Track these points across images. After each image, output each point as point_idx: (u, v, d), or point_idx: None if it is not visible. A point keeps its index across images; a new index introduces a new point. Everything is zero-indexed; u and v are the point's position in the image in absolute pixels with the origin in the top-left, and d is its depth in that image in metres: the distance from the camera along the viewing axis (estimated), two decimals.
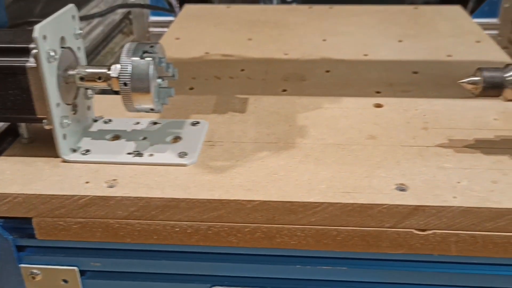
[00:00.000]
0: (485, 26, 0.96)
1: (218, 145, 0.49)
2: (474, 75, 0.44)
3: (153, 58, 0.43)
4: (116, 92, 0.44)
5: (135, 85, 0.43)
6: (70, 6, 0.46)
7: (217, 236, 0.43)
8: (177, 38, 0.82)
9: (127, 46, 0.43)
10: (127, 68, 0.43)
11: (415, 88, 0.64)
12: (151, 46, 0.44)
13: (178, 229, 0.43)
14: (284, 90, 0.65)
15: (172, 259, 0.45)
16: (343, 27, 0.86)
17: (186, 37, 0.82)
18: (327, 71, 0.70)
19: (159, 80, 0.46)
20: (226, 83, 0.67)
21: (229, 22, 0.89)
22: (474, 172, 0.44)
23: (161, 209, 0.42)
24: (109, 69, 0.44)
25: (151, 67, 0.43)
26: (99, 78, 0.45)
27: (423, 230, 0.41)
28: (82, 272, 0.46)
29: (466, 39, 0.79)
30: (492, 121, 0.52)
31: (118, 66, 0.43)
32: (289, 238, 0.43)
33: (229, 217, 0.42)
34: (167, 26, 0.90)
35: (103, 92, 0.49)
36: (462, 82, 0.44)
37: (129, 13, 0.97)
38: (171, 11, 0.94)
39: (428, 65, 0.71)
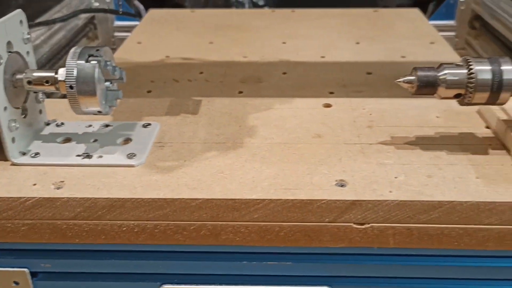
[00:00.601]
0: (443, 28, 0.99)
1: (168, 146, 0.50)
2: (410, 75, 0.46)
3: (99, 62, 0.44)
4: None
5: (81, 88, 0.44)
6: (18, 11, 0.47)
7: (163, 235, 0.44)
8: (139, 42, 0.83)
9: (72, 50, 0.44)
10: (72, 71, 0.44)
11: (368, 89, 0.66)
12: (97, 50, 0.45)
13: (125, 229, 0.44)
14: (241, 92, 0.66)
15: (121, 258, 0.46)
16: (303, 30, 0.88)
17: (148, 41, 0.83)
18: (284, 73, 0.71)
19: (107, 83, 0.47)
20: (184, 86, 0.68)
21: (192, 26, 0.90)
22: (411, 167, 0.46)
23: (107, 209, 0.43)
24: (56, 73, 0.45)
25: (97, 70, 0.44)
26: (47, 82, 0.46)
27: (362, 224, 0.43)
28: (33, 274, 0.47)
29: (421, 41, 0.82)
30: (434, 119, 0.54)
31: (64, 69, 0.44)
32: (233, 235, 0.44)
33: (175, 216, 0.43)
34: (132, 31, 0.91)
35: (64, 96, 0.50)
36: (399, 81, 0.46)
37: (93, 17, 0.97)
38: (135, 16, 0.95)
39: (382, 66, 0.73)
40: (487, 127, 0.52)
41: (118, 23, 1.01)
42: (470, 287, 0.46)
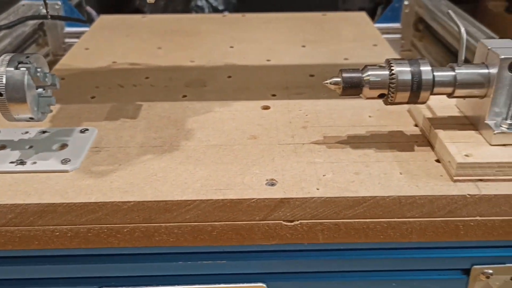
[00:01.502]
0: (390, 31, 1.03)
1: (104, 150, 0.50)
2: (336, 76, 0.48)
3: (28, 68, 0.44)
4: None
5: (11, 95, 0.44)
6: None
7: (97, 238, 0.44)
8: (87, 48, 0.83)
9: (1, 57, 0.45)
10: (1, 79, 0.44)
11: (309, 90, 0.68)
12: (27, 57, 0.45)
13: (58, 233, 0.44)
14: (184, 96, 0.67)
15: (57, 263, 0.46)
16: (252, 34, 0.89)
17: (95, 47, 0.83)
18: (229, 77, 0.72)
19: (39, 90, 0.47)
20: (128, 91, 0.68)
21: (142, 31, 0.91)
22: (340, 165, 0.48)
23: (39, 215, 0.43)
24: None
25: (26, 77, 0.44)
26: None
27: (291, 221, 0.45)
28: None
29: (364, 43, 0.84)
30: (367, 118, 0.56)
31: None
32: (167, 236, 0.45)
33: (107, 219, 0.44)
34: None
35: None
36: (326, 83, 0.48)
37: (43, 24, 0.97)
38: (84, 21, 0.94)
39: (324, 69, 0.75)
40: (416, 125, 0.55)
41: (69, 29, 1.01)
42: (397, 278, 0.48)
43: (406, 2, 1.00)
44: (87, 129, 0.53)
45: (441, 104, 0.54)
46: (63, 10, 0.99)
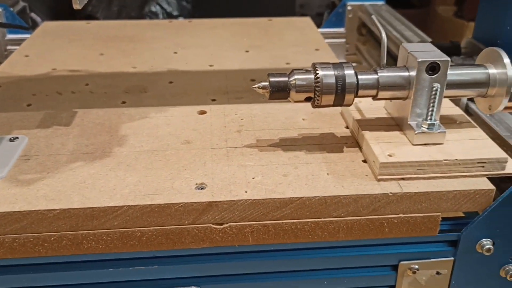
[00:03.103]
0: (334, 35, 1.05)
1: (34, 158, 0.50)
2: (264, 81, 0.49)
3: None
4: None
5: None
6: None
7: (23, 247, 0.44)
8: (26, 56, 0.81)
9: None
10: None
11: (248, 95, 0.69)
12: None
13: None
14: (124, 102, 0.67)
15: None
16: (196, 40, 0.89)
17: (36, 54, 0.82)
18: (170, 82, 0.73)
19: None
20: (66, 98, 0.67)
21: (85, 38, 0.90)
22: (270, 168, 0.49)
23: None
24: None
25: None
26: None
27: (220, 224, 0.45)
28: None
29: (306, 48, 0.86)
30: (300, 121, 0.57)
31: None
32: (96, 243, 0.44)
33: (33, 228, 0.43)
34: None
35: None
36: (254, 87, 0.48)
37: None
38: (26, 28, 0.93)
39: (266, 73, 0.75)
40: (347, 127, 0.56)
41: (11, 36, 0.98)
42: (328, 277, 0.49)
43: (349, 8, 1.02)
44: (17, 137, 0.52)
45: (370, 106, 0.56)
46: (4, 17, 0.97)
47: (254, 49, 0.85)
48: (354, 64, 0.50)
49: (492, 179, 0.48)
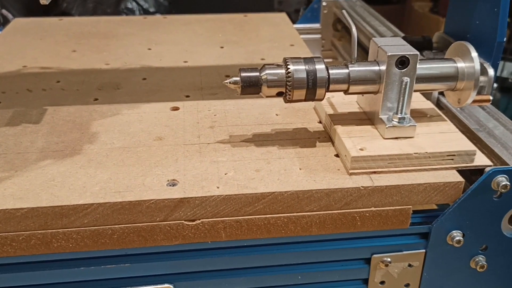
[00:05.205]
0: (310, 31, 1.05)
1: (2, 157, 0.49)
2: (236, 76, 0.48)
3: None
4: None
5: None
6: None
7: None
8: None
9: None
10: None
11: (223, 91, 0.69)
12: None
13: None
14: (96, 99, 0.66)
15: None
16: (171, 36, 0.89)
17: (6, 51, 0.80)
18: (144, 79, 0.72)
19: None
20: (37, 95, 0.66)
21: (57, 34, 0.88)
22: (242, 163, 0.49)
23: None
24: None
25: None
26: None
27: (192, 220, 0.45)
28: None
29: (281, 44, 0.86)
30: (274, 117, 0.57)
31: None
32: (65, 242, 0.44)
33: (0, 227, 0.42)
34: None
35: None
36: (225, 83, 0.48)
37: None
38: None
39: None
40: (320, 122, 0.56)
41: None
42: (302, 271, 0.49)
43: (324, 3, 1.02)
44: None
45: (343, 101, 0.56)
46: None
47: (229, 45, 0.85)
48: (329, 60, 0.50)
49: (462, 171, 0.48)
